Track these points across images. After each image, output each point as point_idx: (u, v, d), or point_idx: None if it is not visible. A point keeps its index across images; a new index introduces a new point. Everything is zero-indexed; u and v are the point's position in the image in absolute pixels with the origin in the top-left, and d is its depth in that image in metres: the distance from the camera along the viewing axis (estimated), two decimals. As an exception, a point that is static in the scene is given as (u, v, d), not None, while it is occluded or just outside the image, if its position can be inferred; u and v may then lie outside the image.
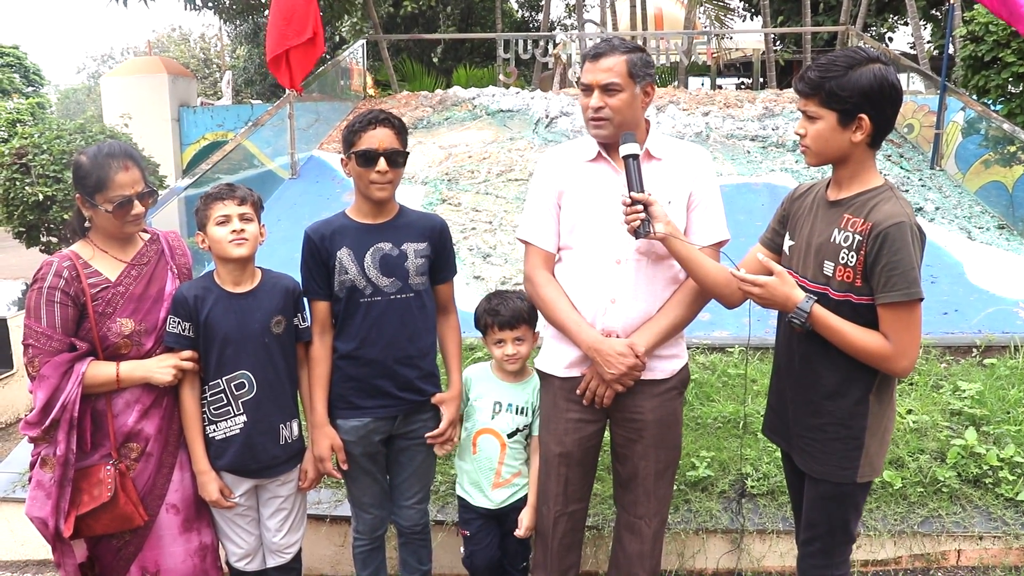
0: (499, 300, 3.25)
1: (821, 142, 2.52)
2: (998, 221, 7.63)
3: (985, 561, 3.90)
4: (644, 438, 3.03)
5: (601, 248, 2.93)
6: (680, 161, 2.99)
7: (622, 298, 2.93)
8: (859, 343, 2.46)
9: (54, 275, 2.70)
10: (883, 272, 2.40)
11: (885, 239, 2.38)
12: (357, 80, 12.56)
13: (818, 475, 2.67)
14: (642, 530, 3.13)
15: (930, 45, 16.42)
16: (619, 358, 2.85)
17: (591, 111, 2.86)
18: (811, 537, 2.77)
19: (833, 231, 2.54)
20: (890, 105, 2.45)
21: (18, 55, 30.57)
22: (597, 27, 19.21)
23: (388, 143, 2.97)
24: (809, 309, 2.48)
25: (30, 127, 9.45)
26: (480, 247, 7.25)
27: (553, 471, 3.12)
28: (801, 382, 2.69)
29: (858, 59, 2.43)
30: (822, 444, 2.64)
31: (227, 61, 29.87)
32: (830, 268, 2.53)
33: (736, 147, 9.45)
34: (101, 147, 2.80)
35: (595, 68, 2.85)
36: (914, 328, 2.43)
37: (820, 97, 2.47)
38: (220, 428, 2.95)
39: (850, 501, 2.68)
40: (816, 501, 2.72)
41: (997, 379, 4.86)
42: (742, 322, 5.97)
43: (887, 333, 2.44)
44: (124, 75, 15.33)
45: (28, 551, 4.24)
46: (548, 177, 3.04)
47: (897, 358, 2.45)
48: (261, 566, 3.18)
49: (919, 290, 2.38)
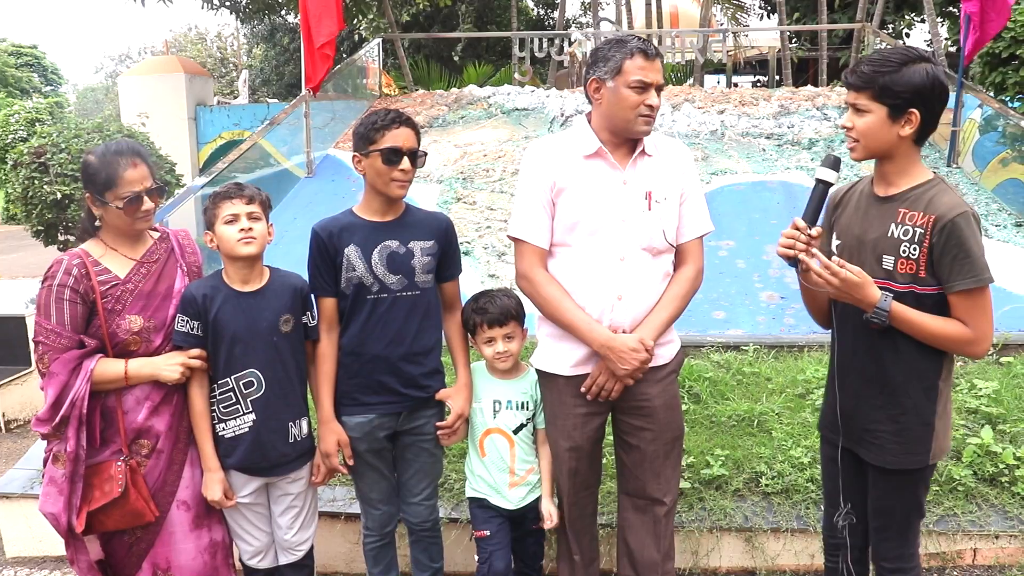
0: (486, 299, 3.25)
1: (870, 136, 2.57)
2: (1015, 219, 7.56)
3: (1001, 560, 3.87)
4: (653, 423, 3.06)
5: (605, 245, 2.93)
6: (670, 158, 3.04)
7: (628, 294, 2.94)
8: (941, 332, 2.53)
9: (64, 273, 2.72)
10: (954, 262, 2.46)
11: (952, 229, 2.45)
12: (373, 79, 12.58)
13: (893, 465, 2.70)
14: (654, 511, 3.14)
15: (947, 42, 16.29)
16: (632, 354, 2.87)
17: (645, 108, 2.86)
18: (887, 523, 2.81)
19: (889, 226, 2.59)
20: (939, 102, 2.52)
21: (37, 55, 30.86)
22: (613, 25, 19.18)
23: (410, 143, 3.00)
24: (888, 308, 2.53)
25: (48, 126, 9.52)
26: (495, 245, 7.25)
27: (564, 465, 3.14)
28: (868, 377, 2.72)
29: (911, 56, 2.51)
30: (896, 435, 2.67)
31: (243, 60, 30.04)
32: (890, 262, 2.58)
33: (751, 145, 9.41)
34: (109, 145, 2.82)
35: (652, 68, 2.86)
36: (989, 311, 2.52)
37: (872, 91, 2.53)
38: (229, 427, 2.96)
39: (922, 483, 2.75)
40: (889, 491, 2.76)
41: (1014, 377, 4.83)
42: (757, 320, 5.96)
43: (964, 319, 2.51)
44: (141, 74, 15.44)
45: (46, 547, 4.28)
46: (541, 172, 3.00)
47: (979, 342, 2.52)
48: (273, 563, 3.19)
49: (989, 275, 2.47)
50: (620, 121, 2.91)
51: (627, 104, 2.87)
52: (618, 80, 2.87)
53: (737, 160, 8.95)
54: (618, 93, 2.87)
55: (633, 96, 2.86)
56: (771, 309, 6.18)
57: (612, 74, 2.88)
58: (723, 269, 6.78)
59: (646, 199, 2.94)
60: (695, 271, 3.05)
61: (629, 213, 2.92)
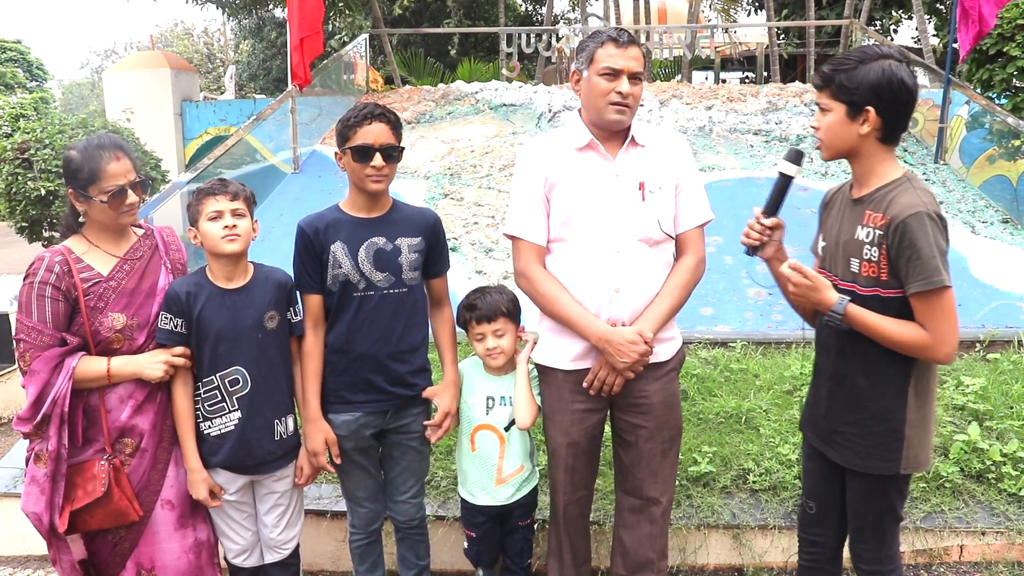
0: (477, 295, 3.26)
1: (831, 134, 2.59)
2: (1002, 216, 7.59)
3: (988, 557, 3.87)
4: (650, 421, 3.05)
5: (600, 238, 2.92)
6: (663, 148, 3.03)
7: (626, 287, 2.93)
8: (897, 336, 2.50)
9: (45, 270, 2.69)
10: (908, 263, 2.44)
11: (904, 230, 2.42)
12: (360, 75, 12.54)
13: (859, 468, 2.69)
14: (650, 511, 3.14)
15: (935, 39, 16.34)
16: (631, 346, 2.86)
17: (617, 95, 2.85)
18: (861, 525, 2.80)
19: (856, 228, 2.59)
20: (899, 101, 2.50)
21: (21, 50, 30.65)
22: (600, 21, 19.15)
23: (384, 138, 2.95)
24: (842, 311, 2.53)
25: (33, 122, 9.46)
26: (482, 242, 7.23)
27: (561, 462, 3.13)
28: (838, 379, 2.72)
29: (870, 55, 2.51)
30: (861, 439, 2.66)
31: (230, 56, 29.92)
32: (855, 264, 2.58)
33: (739, 141, 9.42)
34: (91, 140, 2.79)
35: (626, 55, 2.85)
36: (948, 314, 2.46)
37: (831, 89, 2.55)
38: (215, 424, 2.94)
39: (894, 491, 2.72)
40: (861, 494, 2.76)
41: (1000, 374, 4.85)
42: (745, 316, 5.96)
43: (923, 323, 2.48)
44: (127, 70, 15.32)
45: (29, 547, 4.24)
46: (534, 169, 3.00)
47: (938, 346, 2.47)
48: (259, 562, 3.17)
49: (942, 277, 2.41)
50: (594, 111, 2.92)
51: (597, 92, 2.88)
52: (591, 69, 2.90)
53: (725, 156, 8.96)
54: (590, 82, 2.91)
55: (603, 83, 2.87)
56: (759, 306, 6.18)
57: (586, 64, 2.91)
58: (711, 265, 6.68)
59: (639, 190, 2.93)
60: (696, 260, 3.03)
61: (622, 205, 2.92)
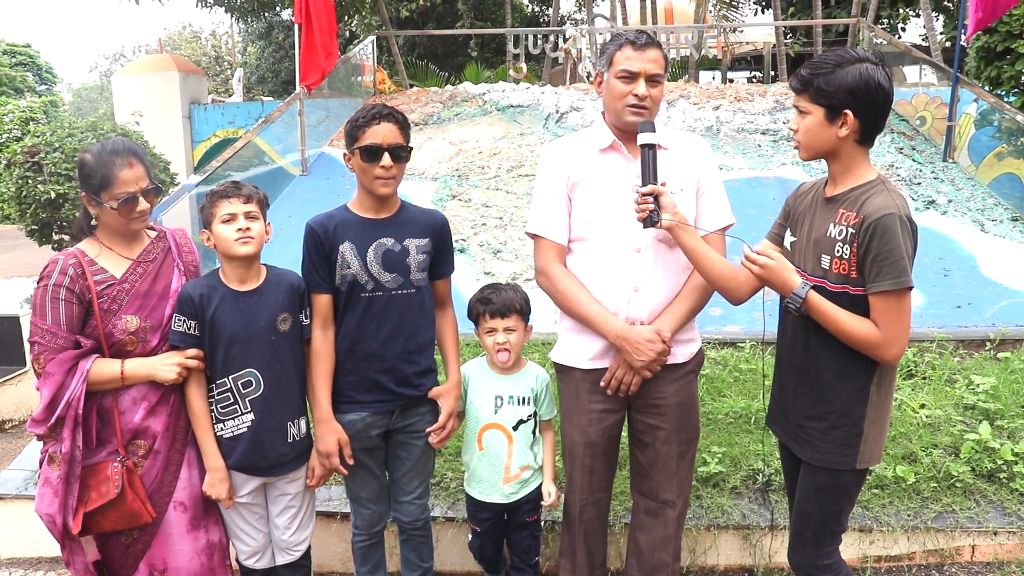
0: (491, 290, 3.29)
1: (810, 136, 2.63)
2: (1012, 213, 7.56)
3: (1000, 557, 3.86)
4: (667, 422, 3.06)
5: (620, 238, 2.95)
6: (686, 151, 3.05)
7: (645, 286, 2.95)
8: (849, 329, 2.53)
9: (59, 273, 2.70)
10: (874, 262, 2.47)
11: (875, 230, 2.45)
12: (368, 76, 12.56)
13: (817, 462, 2.72)
14: (666, 514, 3.15)
15: (942, 36, 16.30)
16: (648, 345, 2.88)
17: (634, 98, 2.88)
18: (802, 527, 2.82)
19: (829, 226, 2.62)
20: (875, 103, 2.53)
21: (31, 54, 30.78)
22: (607, 21, 19.15)
23: (392, 138, 2.96)
24: (804, 295, 2.56)
25: (42, 125, 9.50)
26: (490, 243, 7.23)
27: (578, 461, 3.14)
28: (802, 372, 2.74)
29: (847, 58, 2.53)
30: (823, 432, 2.69)
31: (238, 58, 29.96)
32: (827, 261, 2.61)
33: (747, 141, 9.41)
34: (105, 145, 2.80)
35: (643, 57, 2.88)
36: (903, 316, 2.50)
37: (809, 93, 2.58)
38: (227, 427, 2.95)
39: (844, 490, 2.74)
40: (811, 491, 2.77)
41: (1011, 373, 4.83)
42: (754, 317, 5.95)
43: (877, 321, 2.51)
44: (136, 73, 15.39)
45: (40, 548, 4.26)
46: (557, 169, 3.04)
47: (886, 345, 2.51)
48: (270, 564, 3.18)
49: (908, 279, 2.45)
50: (613, 113, 2.96)
51: (615, 94, 2.92)
52: (610, 72, 2.94)
53: (733, 156, 8.95)
54: (609, 84, 2.95)
55: (620, 86, 2.90)
56: (768, 306, 6.16)
57: (606, 66, 2.96)
58: (719, 265, 6.75)
59: None
60: None
61: None
